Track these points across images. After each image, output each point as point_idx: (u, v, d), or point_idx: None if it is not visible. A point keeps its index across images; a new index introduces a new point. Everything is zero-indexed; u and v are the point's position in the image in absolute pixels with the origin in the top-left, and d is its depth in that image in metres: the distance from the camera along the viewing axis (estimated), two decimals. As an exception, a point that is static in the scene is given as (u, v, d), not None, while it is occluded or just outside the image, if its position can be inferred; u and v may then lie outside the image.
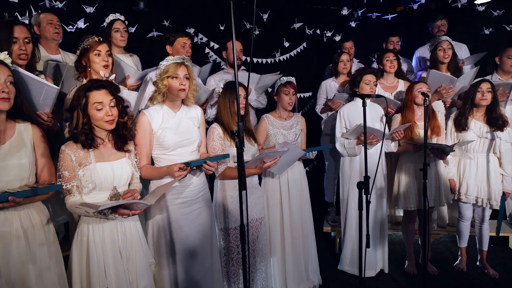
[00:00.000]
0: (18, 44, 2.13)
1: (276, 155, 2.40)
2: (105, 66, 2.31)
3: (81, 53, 2.29)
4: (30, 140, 1.77)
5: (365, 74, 3.02)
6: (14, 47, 2.12)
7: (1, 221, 1.63)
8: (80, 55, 2.29)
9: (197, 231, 2.24)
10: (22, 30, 2.16)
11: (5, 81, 1.64)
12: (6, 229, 1.64)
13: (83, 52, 2.28)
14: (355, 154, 3.02)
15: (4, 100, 1.64)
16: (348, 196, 3.13)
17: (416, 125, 3.02)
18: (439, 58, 3.45)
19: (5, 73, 1.65)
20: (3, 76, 1.64)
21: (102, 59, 2.29)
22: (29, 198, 1.65)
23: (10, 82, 1.66)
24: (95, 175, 1.82)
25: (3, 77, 1.64)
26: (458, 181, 3.07)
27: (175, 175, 2.01)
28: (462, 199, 3.03)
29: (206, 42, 4.13)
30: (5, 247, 1.63)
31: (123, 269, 1.88)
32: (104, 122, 1.84)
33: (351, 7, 4.60)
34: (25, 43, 2.16)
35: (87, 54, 2.27)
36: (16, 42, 2.13)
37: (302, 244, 2.85)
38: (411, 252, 3.24)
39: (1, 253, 1.63)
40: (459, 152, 3.02)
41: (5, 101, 1.64)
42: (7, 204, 1.56)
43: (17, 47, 2.13)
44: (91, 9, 3.43)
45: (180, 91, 2.11)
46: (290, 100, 2.79)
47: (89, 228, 1.84)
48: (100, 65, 2.29)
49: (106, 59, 2.32)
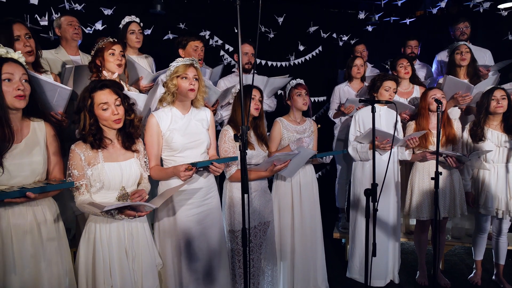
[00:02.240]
0: (21, 41, 2.17)
1: (287, 158, 2.39)
2: (118, 65, 2.37)
3: (96, 53, 2.36)
4: (44, 138, 1.82)
5: (385, 80, 2.96)
6: (18, 45, 2.15)
7: (15, 214, 1.69)
8: (95, 55, 2.35)
9: (204, 233, 2.25)
10: (21, 27, 2.19)
11: (20, 79, 1.69)
12: (20, 222, 1.69)
13: (97, 52, 2.35)
14: (368, 159, 2.97)
15: (20, 98, 1.68)
16: (358, 202, 3.08)
17: (431, 133, 2.94)
18: (456, 61, 3.36)
19: (20, 71, 1.70)
20: (18, 74, 1.69)
21: (116, 58, 2.36)
22: (42, 194, 1.69)
23: (25, 80, 1.71)
24: (103, 175, 1.85)
25: (18, 75, 1.68)
26: (477, 192, 2.96)
27: (181, 176, 2.02)
28: (481, 212, 2.92)
29: (221, 45, 4.16)
30: (18, 239, 1.68)
31: (129, 269, 1.90)
32: (112, 122, 1.86)
33: (369, 11, 4.54)
34: (27, 38, 2.20)
35: (102, 54, 2.34)
36: (18, 39, 2.17)
37: (311, 250, 2.82)
38: (423, 263, 3.15)
39: (15, 245, 1.67)
40: (477, 163, 2.91)
41: (21, 98, 1.68)
42: (24, 199, 1.61)
43: (21, 44, 2.16)
44: (109, 11, 3.51)
45: (190, 91, 2.13)
46: (304, 100, 2.78)
47: (96, 227, 1.87)
48: (114, 64, 2.36)
49: (120, 58, 2.38)
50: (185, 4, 3.98)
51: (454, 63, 3.37)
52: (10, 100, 1.66)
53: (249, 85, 2.53)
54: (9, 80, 1.66)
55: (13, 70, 1.67)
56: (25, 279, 1.68)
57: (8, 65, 1.66)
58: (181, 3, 3.96)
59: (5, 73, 1.64)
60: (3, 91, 1.63)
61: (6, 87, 1.64)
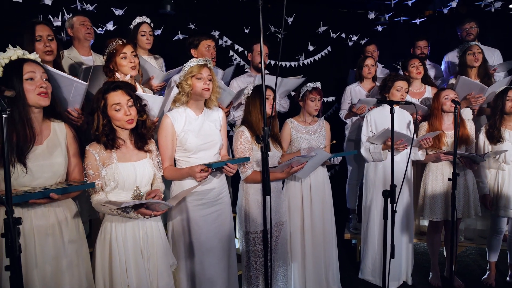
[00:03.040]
0: (42, 41, 2.23)
1: (304, 160, 2.38)
2: (132, 67, 2.34)
3: (108, 58, 2.33)
4: (64, 139, 1.83)
5: (397, 80, 2.94)
6: (39, 45, 2.21)
7: (38, 215, 1.69)
8: (107, 60, 2.33)
9: (216, 232, 2.25)
10: (45, 28, 2.25)
11: (41, 77, 1.70)
12: (42, 223, 1.70)
13: (109, 57, 2.32)
14: (381, 160, 2.95)
15: (44, 96, 1.68)
16: (371, 203, 3.06)
17: (444, 134, 2.92)
18: (468, 62, 3.34)
19: (40, 70, 1.71)
20: (39, 72, 1.70)
21: (129, 61, 2.32)
22: (64, 195, 1.70)
23: (45, 78, 1.72)
24: (117, 174, 1.85)
25: (39, 73, 1.69)
26: (495, 194, 2.92)
27: (196, 176, 2.02)
28: (501, 214, 2.88)
29: (230, 45, 4.15)
30: (41, 240, 1.69)
31: (144, 268, 1.91)
32: (124, 122, 1.87)
33: (378, 11, 4.52)
34: (48, 40, 2.25)
35: (114, 59, 2.30)
36: (40, 40, 2.22)
37: (323, 251, 2.81)
38: (435, 264, 3.13)
39: (38, 245, 1.68)
40: (495, 164, 2.88)
41: (45, 96, 1.69)
42: (48, 200, 1.62)
43: (42, 44, 2.22)
44: (120, 12, 3.51)
45: (205, 91, 2.13)
46: (316, 106, 2.76)
47: (112, 227, 1.87)
48: (128, 67, 2.32)
49: (133, 60, 2.35)
50: (194, 4, 3.97)
51: (466, 64, 3.35)
52: (34, 99, 1.66)
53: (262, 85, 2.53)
54: (32, 79, 1.66)
55: (33, 69, 1.68)
56: (47, 280, 1.68)
57: (28, 64, 1.67)
58: (190, 3, 3.95)
59: (27, 72, 1.65)
60: (26, 90, 1.64)
61: (29, 86, 1.65)
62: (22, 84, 1.63)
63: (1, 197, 1.14)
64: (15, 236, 1.05)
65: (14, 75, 1.63)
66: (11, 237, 1.04)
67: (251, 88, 2.51)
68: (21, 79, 1.63)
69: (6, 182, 1.15)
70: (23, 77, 1.64)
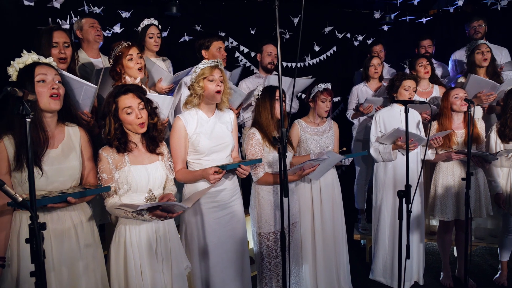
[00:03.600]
0: (58, 48, 2.24)
1: (316, 163, 2.37)
2: (139, 68, 2.36)
3: (114, 61, 2.34)
4: (79, 143, 1.82)
5: (404, 80, 2.93)
6: (54, 51, 2.22)
7: (54, 219, 1.68)
8: (114, 63, 2.35)
9: (229, 235, 2.24)
10: (62, 35, 2.26)
11: (54, 79, 1.69)
12: (58, 227, 1.69)
13: (116, 60, 2.34)
14: (391, 159, 2.94)
15: (55, 98, 1.67)
16: (381, 203, 3.05)
17: (454, 133, 2.91)
18: (477, 61, 3.33)
19: (52, 72, 1.70)
20: (51, 75, 1.69)
21: (136, 62, 2.34)
22: (80, 199, 1.69)
23: (58, 81, 1.71)
24: (130, 177, 1.84)
25: (51, 76, 1.68)
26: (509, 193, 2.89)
27: (210, 178, 2.01)
28: None
29: (236, 46, 4.14)
30: (57, 244, 1.68)
31: (159, 271, 1.90)
32: (136, 126, 1.86)
33: (384, 10, 4.51)
34: (64, 47, 2.26)
35: (120, 61, 2.32)
36: (56, 46, 2.24)
37: (334, 251, 2.80)
38: (447, 264, 3.11)
39: (55, 250, 1.67)
40: (507, 162, 2.87)
41: (56, 99, 1.67)
42: (65, 204, 1.61)
43: (57, 51, 2.23)
44: (126, 14, 3.50)
45: (217, 93, 2.12)
46: (326, 107, 2.74)
47: (127, 230, 1.86)
48: (135, 68, 2.33)
49: (139, 61, 2.36)
50: (200, 6, 3.97)
51: (474, 63, 3.33)
52: (45, 102, 1.65)
53: (272, 86, 2.52)
54: (43, 81, 1.66)
55: (45, 71, 1.67)
56: (64, 285, 1.67)
57: (40, 67, 1.67)
58: (196, 5, 3.95)
59: (39, 74, 1.65)
60: (38, 93, 1.63)
61: (40, 88, 1.64)
62: (34, 87, 1.63)
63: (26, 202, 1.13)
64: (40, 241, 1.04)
65: (26, 78, 1.63)
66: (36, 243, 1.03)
67: (261, 89, 2.50)
68: (33, 82, 1.63)
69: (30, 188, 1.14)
70: (34, 79, 1.63)
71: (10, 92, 1.08)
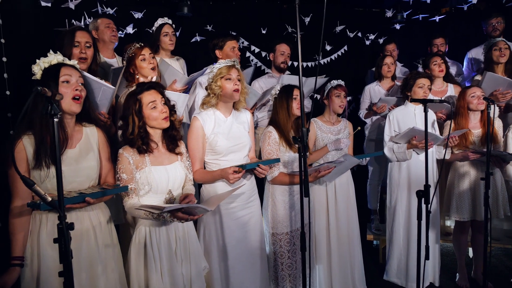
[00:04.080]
0: (79, 47, 2.26)
1: (332, 165, 2.36)
2: (152, 68, 2.41)
3: (128, 62, 2.40)
4: (96, 143, 1.82)
5: (418, 78, 2.90)
6: (76, 51, 2.25)
7: (73, 219, 1.67)
8: (127, 64, 2.40)
9: (248, 236, 2.23)
10: (84, 35, 2.29)
11: (77, 81, 1.70)
12: (77, 227, 1.67)
13: (129, 61, 2.40)
14: (405, 159, 2.91)
15: (77, 101, 1.68)
16: (396, 204, 3.02)
17: (470, 132, 2.87)
18: (494, 58, 3.28)
19: (76, 74, 1.71)
20: (75, 76, 1.70)
21: (148, 62, 2.40)
22: (98, 199, 1.69)
23: (81, 83, 1.72)
24: (150, 178, 1.84)
25: (75, 77, 1.70)
26: None
27: (229, 178, 2.01)
28: None
29: (247, 46, 4.14)
30: (76, 244, 1.67)
31: (179, 272, 1.89)
32: (160, 120, 1.87)
33: (396, 9, 4.47)
34: (86, 47, 2.28)
35: (134, 62, 2.39)
36: (77, 46, 2.26)
37: (348, 252, 2.77)
38: (462, 265, 3.07)
39: (74, 250, 1.64)
40: None
41: (78, 102, 1.68)
42: (84, 204, 1.62)
43: (78, 50, 2.25)
44: (139, 15, 3.52)
45: (235, 92, 2.11)
46: (341, 102, 2.74)
47: (147, 231, 1.86)
48: (148, 68, 2.39)
49: (152, 61, 2.43)
50: (211, 6, 3.97)
51: (492, 60, 3.29)
52: (67, 104, 1.66)
53: (290, 85, 2.51)
54: (67, 82, 1.67)
55: (70, 72, 1.68)
56: (83, 284, 1.67)
57: (65, 68, 1.68)
58: (207, 5, 3.95)
59: (64, 75, 1.66)
60: (61, 93, 1.63)
61: (64, 89, 1.65)
62: (58, 87, 1.64)
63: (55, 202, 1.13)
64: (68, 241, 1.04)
65: (51, 78, 1.64)
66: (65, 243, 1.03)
67: (278, 88, 2.49)
68: (57, 82, 1.64)
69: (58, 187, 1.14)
70: (59, 79, 1.64)
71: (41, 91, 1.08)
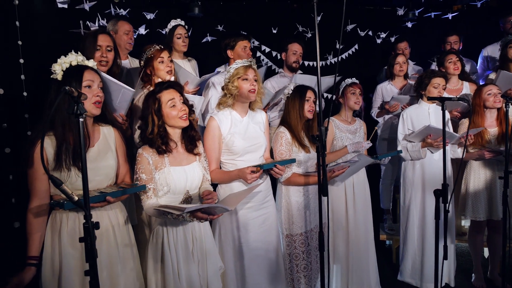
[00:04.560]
0: (100, 51, 2.28)
1: (346, 165, 2.36)
2: (169, 72, 2.40)
3: (145, 62, 2.40)
4: (114, 142, 1.84)
5: (434, 77, 2.87)
6: (97, 54, 2.26)
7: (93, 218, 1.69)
8: (145, 65, 2.40)
9: (264, 236, 2.23)
10: (106, 38, 2.31)
11: (98, 86, 1.72)
12: None
13: (147, 62, 2.39)
14: (420, 158, 2.88)
15: (98, 105, 1.71)
16: (410, 203, 2.99)
17: (486, 131, 2.84)
18: (509, 55, 3.24)
19: (97, 79, 1.73)
20: (97, 81, 1.72)
21: (166, 65, 2.40)
22: (117, 198, 1.70)
23: (101, 87, 1.74)
24: (169, 179, 1.85)
25: (96, 82, 1.71)
26: None
27: (247, 178, 2.01)
28: None
29: (258, 46, 4.14)
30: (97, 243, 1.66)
31: (196, 272, 1.90)
32: (179, 119, 1.87)
33: (407, 7, 4.43)
34: (107, 51, 2.30)
35: (151, 63, 2.38)
36: (99, 49, 2.27)
37: (364, 252, 2.76)
38: (478, 265, 3.04)
39: None
40: None
41: (98, 106, 1.71)
42: (104, 204, 1.63)
43: (99, 54, 2.27)
44: (151, 16, 3.54)
45: (251, 92, 2.11)
46: (357, 99, 2.73)
47: (164, 231, 1.87)
48: (164, 71, 2.39)
49: (169, 64, 2.42)
50: (221, 6, 3.98)
51: (507, 58, 3.25)
52: (88, 107, 1.68)
53: (303, 86, 2.50)
54: (89, 87, 1.68)
55: (92, 77, 1.70)
56: (104, 283, 1.68)
57: (88, 72, 1.69)
58: (217, 6, 3.96)
59: (87, 80, 1.67)
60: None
61: (86, 93, 1.66)
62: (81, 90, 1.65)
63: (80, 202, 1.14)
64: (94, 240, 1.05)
65: (74, 80, 1.65)
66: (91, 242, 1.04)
67: (292, 88, 2.49)
68: (80, 85, 1.65)
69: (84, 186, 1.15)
70: (82, 83, 1.66)
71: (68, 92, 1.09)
